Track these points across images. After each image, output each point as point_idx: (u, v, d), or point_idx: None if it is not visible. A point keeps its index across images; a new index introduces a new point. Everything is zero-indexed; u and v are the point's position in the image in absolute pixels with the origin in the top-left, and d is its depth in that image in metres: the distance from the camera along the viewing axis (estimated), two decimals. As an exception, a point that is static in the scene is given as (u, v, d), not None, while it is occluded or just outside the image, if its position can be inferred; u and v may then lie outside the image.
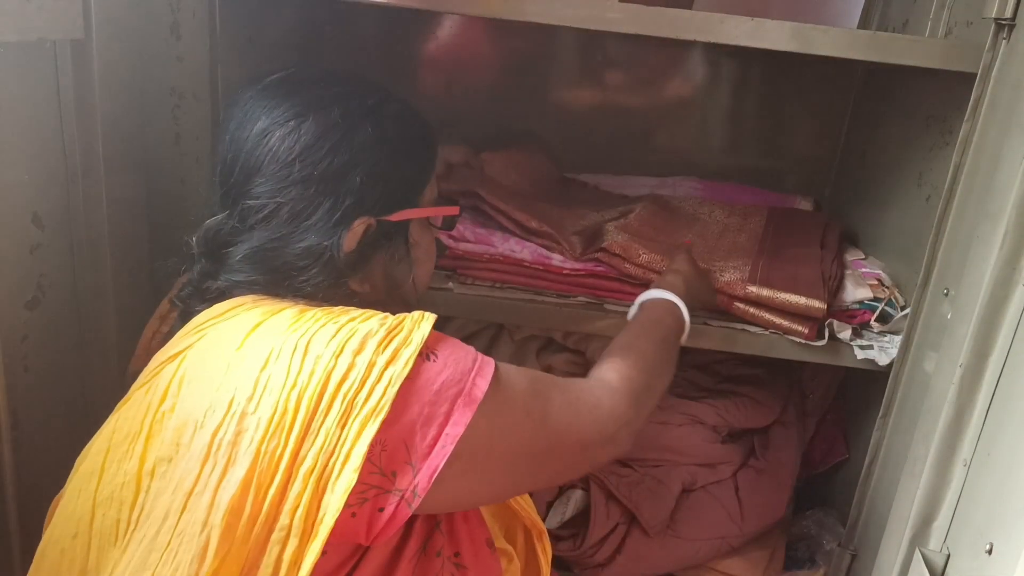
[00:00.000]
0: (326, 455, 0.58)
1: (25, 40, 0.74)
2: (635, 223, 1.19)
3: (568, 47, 1.52)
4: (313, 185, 0.69)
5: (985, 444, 0.78)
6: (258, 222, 0.71)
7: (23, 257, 0.79)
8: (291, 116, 0.70)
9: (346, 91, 0.73)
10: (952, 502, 0.82)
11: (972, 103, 0.89)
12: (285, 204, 0.70)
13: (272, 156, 0.70)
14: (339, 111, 0.71)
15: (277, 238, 0.70)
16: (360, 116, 0.72)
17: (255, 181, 0.70)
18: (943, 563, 0.81)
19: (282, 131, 0.70)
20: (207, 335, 0.68)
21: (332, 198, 0.70)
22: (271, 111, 0.71)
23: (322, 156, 0.69)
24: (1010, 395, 0.75)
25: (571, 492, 1.19)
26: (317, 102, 0.71)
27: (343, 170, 0.70)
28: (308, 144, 0.69)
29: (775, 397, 1.28)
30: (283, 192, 0.70)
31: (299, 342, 0.62)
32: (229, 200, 0.73)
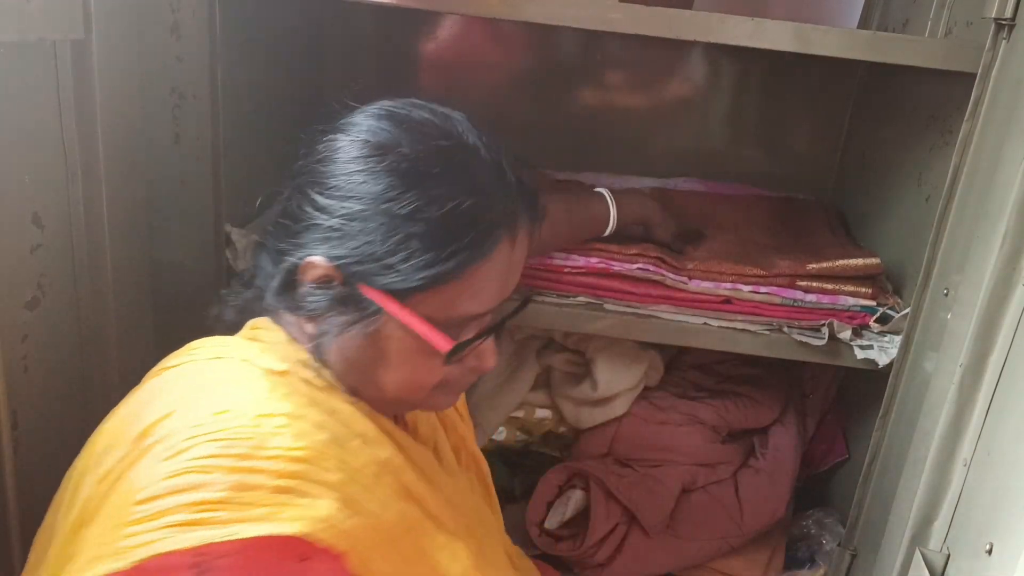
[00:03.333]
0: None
1: (25, 40, 0.74)
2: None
3: (568, 47, 1.52)
4: (314, 194, 0.63)
5: (985, 444, 0.78)
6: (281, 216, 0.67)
7: (23, 257, 0.79)
8: (358, 129, 0.64)
9: (438, 144, 0.62)
10: (952, 502, 0.82)
11: (972, 103, 0.89)
12: (291, 200, 0.66)
13: (319, 151, 0.65)
14: (411, 151, 0.61)
15: (274, 226, 0.67)
16: (420, 175, 0.60)
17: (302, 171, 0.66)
18: (943, 563, 0.81)
19: (344, 136, 0.64)
20: (165, 376, 0.64)
21: (324, 218, 0.62)
22: (356, 117, 0.65)
23: (344, 174, 0.62)
24: (1010, 395, 0.75)
25: (571, 492, 1.19)
26: (392, 131, 0.62)
27: (348, 203, 0.61)
28: (346, 157, 0.62)
29: (775, 397, 1.28)
30: (294, 191, 0.65)
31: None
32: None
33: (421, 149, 0.61)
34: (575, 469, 1.20)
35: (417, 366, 0.65)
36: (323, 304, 0.62)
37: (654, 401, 1.25)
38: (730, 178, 1.50)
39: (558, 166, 1.52)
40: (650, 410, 1.24)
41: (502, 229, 0.63)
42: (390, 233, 0.59)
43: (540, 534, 1.19)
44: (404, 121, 0.63)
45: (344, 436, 0.61)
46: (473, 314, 0.64)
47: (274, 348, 0.66)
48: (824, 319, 1.05)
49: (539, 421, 1.27)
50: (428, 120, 0.64)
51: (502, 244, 0.63)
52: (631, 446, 1.22)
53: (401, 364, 0.65)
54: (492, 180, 0.63)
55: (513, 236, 0.64)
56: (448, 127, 0.64)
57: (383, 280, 0.60)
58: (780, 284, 1.07)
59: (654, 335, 1.09)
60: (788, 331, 1.05)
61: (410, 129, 0.63)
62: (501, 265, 0.64)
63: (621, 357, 1.21)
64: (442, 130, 0.64)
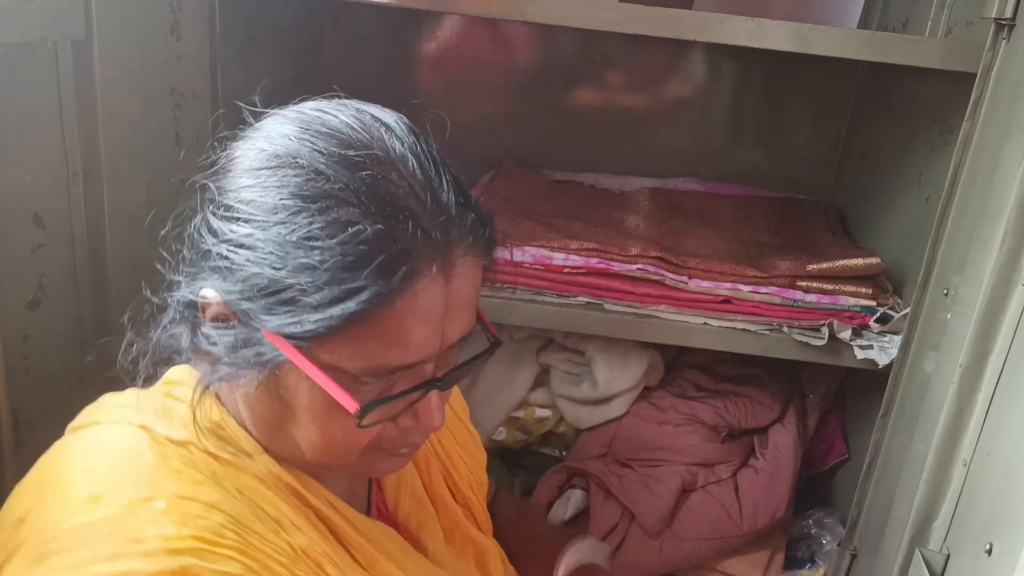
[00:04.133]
0: None
1: (26, 40, 0.74)
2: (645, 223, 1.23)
3: (568, 47, 1.52)
4: (208, 214, 0.53)
5: (985, 444, 0.78)
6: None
7: (24, 257, 0.79)
8: (259, 135, 0.54)
9: (344, 155, 0.51)
10: (952, 502, 0.82)
11: (972, 103, 0.89)
12: (191, 220, 0.55)
13: (224, 155, 0.55)
14: (308, 164, 0.50)
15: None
16: (317, 193, 0.49)
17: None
18: (943, 563, 0.81)
19: (243, 143, 0.54)
20: (67, 441, 0.57)
21: (214, 242, 0.52)
22: (266, 120, 0.56)
23: (233, 190, 0.52)
24: (1010, 395, 0.75)
25: (571, 492, 1.19)
26: (293, 137, 0.52)
27: (236, 225, 0.51)
28: (239, 168, 0.53)
29: (775, 397, 1.28)
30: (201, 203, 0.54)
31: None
32: None
33: (322, 160, 0.50)
34: (575, 469, 1.20)
35: (330, 426, 0.54)
36: (222, 347, 0.52)
37: (654, 401, 1.25)
38: (730, 178, 1.50)
39: (558, 166, 1.52)
40: (650, 410, 1.24)
41: (424, 261, 0.50)
42: (279, 264, 0.48)
43: (540, 534, 1.19)
44: (311, 125, 0.52)
45: (247, 518, 0.53)
46: (395, 365, 0.52)
47: (183, 407, 0.57)
48: (824, 319, 1.05)
49: (539, 421, 1.27)
50: (343, 124, 0.52)
51: (426, 280, 0.50)
52: (631, 446, 1.22)
53: (311, 422, 0.54)
54: (416, 200, 0.50)
55: (447, 269, 0.51)
56: (366, 134, 0.52)
57: (276, 322, 0.49)
58: (780, 284, 1.07)
59: (654, 335, 1.09)
60: (788, 331, 1.05)
61: (315, 135, 0.51)
62: (428, 306, 0.51)
63: (621, 357, 1.21)
64: (356, 137, 0.52)
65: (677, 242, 1.19)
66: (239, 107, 0.57)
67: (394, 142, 0.53)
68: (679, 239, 1.21)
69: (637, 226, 1.25)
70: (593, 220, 1.25)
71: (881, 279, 1.12)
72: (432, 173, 0.52)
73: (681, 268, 1.09)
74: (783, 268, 1.08)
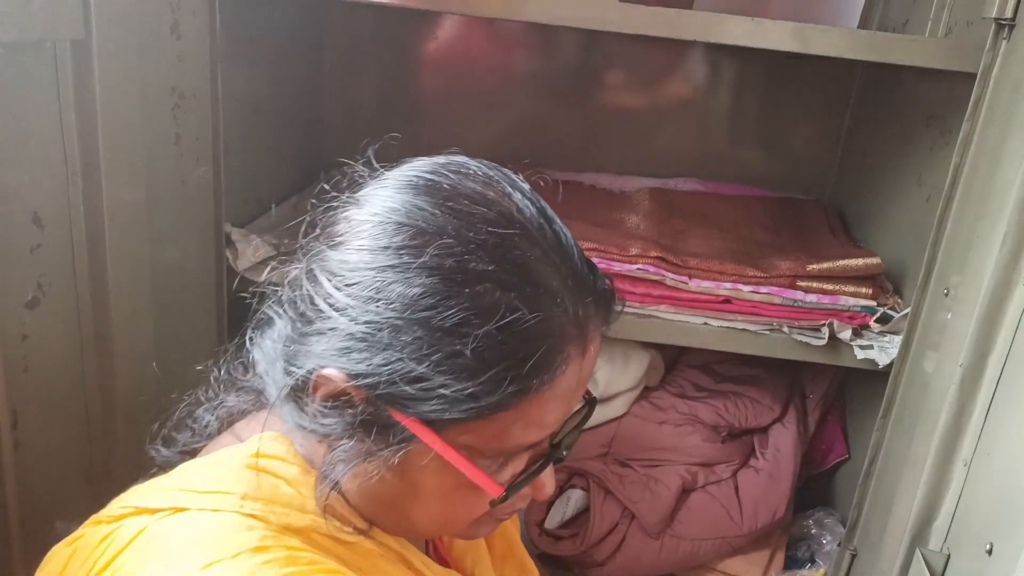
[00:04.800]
0: None
1: (25, 40, 0.74)
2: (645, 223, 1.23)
3: (568, 47, 1.52)
4: (329, 287, 0.50)
5: (985, 444, 0.78)
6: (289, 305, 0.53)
7: (23, 257, 0.79)
8: (385, 206, 0.50)
9: (493, 233, 0.48)
10: (952, 502, 0.82)
11: (972, 103, 0.89)
12: (305, 298, 0.51)
13: (334, 231, 0.51)
14: (456, 242, 0.47)
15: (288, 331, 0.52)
16: (469, 276, 0.46)
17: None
18: (943, 563, 0.81)
19: (366, 212, 0.50)
20: (141, 541, 0.48)
21: (343, 322, 0.48)
22: (383, 186, 0.52)
23: (368, 268, 0.48)
24: (1010, 395, 0.75)
25: (571, 492, 1.19)
26: (432, 212, 0.48)
27: (373, 306, 0.47)
28: (371, 244, 0.49)
29: (775, 397, 1.28)
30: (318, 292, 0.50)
31: None
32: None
33: (471, 238, 0.47)
34: (575, 469, 1.20)
35: (457, 503, 0.52)
36: (339, 428, 0.49)
37: (654, 401, 1.25)
38: (730, 178, 1.50)
39: (558, 166, 1.52)
40: (650, 410, 1.24)
41: (572, 343, 0.48)
42: (428, 351, 0.46)
43: (540, 534, 1.19)
44: (449, 198, 0.49)
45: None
46: (531, 443, 0.51)
47: (285, 487, 0.52)
48: (824, 319, 1.05)
49: (539, 421, 1.27)
50: (479, 195, 0.49)
51: (572, 362, 0.49)
52: (631, 446, 1.22)
53: (437, 501, 0.52)
54: (561, 280, 0.48)
55: (584, 347, 0.50)
56: (506, 205, 0.49)
57: (417, 407, 0.47)
58: (780, 284, 1.07)
59: (654, 335, 1.09)
60: (788, 331, 1.05)
61: (457, 211, 0.48)
62: (570, 384, 0.49)
63: (621, 357, 1.21)
64: (499, 209, 0.49)
65: (677, 242, 1.19)
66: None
67: (529, 212, 0.50)
68: (679, 239, 1.21)
69: (637, 226, 1.25)
70: (593, 220, 1.25)
71: (881, 279, 1.12)
72: (564, 242, 0.51)
73: (681, 268, 1.09)
74: (783, 268, 1.08)
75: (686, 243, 1.19)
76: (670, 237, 1.21)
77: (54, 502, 0.58)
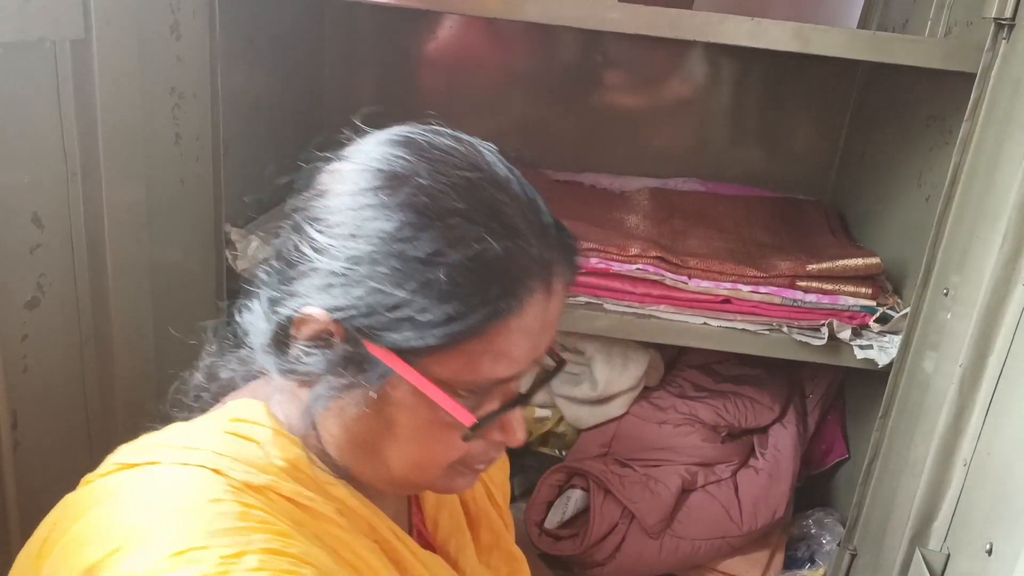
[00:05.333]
0: None
1: (25, 40, 0.74)
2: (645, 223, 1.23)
3: (568, 47, 1.52)
4: (313, 232, 0.53)
5: (985, 444, 0.78)
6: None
7: (23, 257, 0.79)
8: (368, 156, 0.54)
9: (463, 176, 0.52)
10: (952, 502, 0.82)
11: (972, 103, 0.89)
12: (287, 240, 0.55)
13: (320, 182, 0.55)
14: (430, 183, 0.51)
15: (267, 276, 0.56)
16: (442, 211, 0.50)
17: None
18: (943, 563, 0.81)
19: (350, 164, 0.54)
20: (119, 480, 0.52)
21: (324, 261, 0.52)
22: (366, 143, 0.56)
23: (349, 209, 0.52)
24: (1010, 395, 0.75)
25: (571, 492, 1.19)
26: (409, 159, 0.52)
27: (353, 243, 0.51)
28: (352, 188, 0.53)
29: (775, 397, 1.28)
30: (294, 225, 0.54)
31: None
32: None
33: (444, 180, 0.51)
34: (575, 469, 1.20)
35: (431, 441, 0.55)
36: (320, 366, 0.52)
37: (654, 401, 1.25)
38: (730, 178, 1.50)
39: (558, 166, 1.52)
40: (650, 410, 1.24)
41: (536, 279, 0.52)
42: (404, 280, 0.49)
43: (540, 534, 1.19)
44: (424, 148, 0.54)
45: (330, 569, 0.52)
46: (500, 379, 0.54)
47: (255, 448, 0.55)
48: (824, 319, 1.05)
49: (539, 421, 1.27)
50: (451, 148, 0.54)
51: (536, 296, 0.52)
52: (631, 446, 1.22)
53: (412, 438, 0.55)
54: (526, 221, 0.53)
55: (548, 287, 0.53)
56: (476, 157, 0.54)
57: (393, 336, 0.50)
58: (780, 284, 1.07)
59: (654, 335, 1.09)
60: (788, 331, 1.05)
61: (431, 158, 0.53)
62: (534, 321, 0.53)
63: (621, 357, 1.21)
64: (469, 160, 0.54)
65: (677, 242, 1.19)
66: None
67: (498, 166, 0.55)
68: (679, 239, 1.21)
69: (637, 226, 1.25)
70: (593, 220, 1.25)
71: (881, 279, 1.12)
72: (531, 195, 0.55)
73: (681, 268, 1.09)
74: (783, 268, 1.08)
75: (686, 243, 1.19)
76: (670, 237, 1.21)
77: (54, 502, 0.58)
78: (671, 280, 1.07)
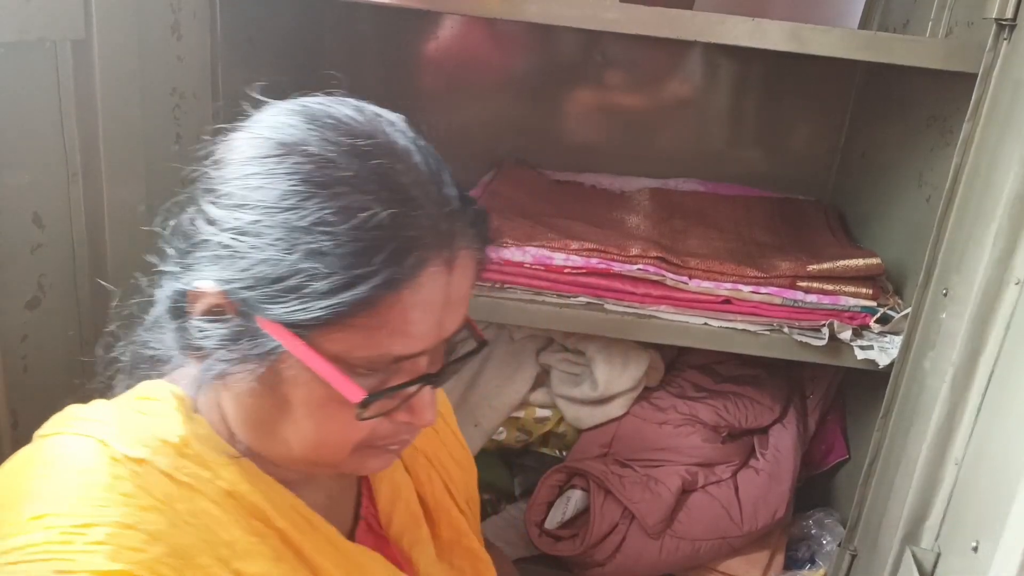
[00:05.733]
0: None
1: (25, 40, 0.74)
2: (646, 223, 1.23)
3: (568, 47, 1.52)
4: (206, 204, 0.52)
5: (977, 443, 0.78)
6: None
7: (23, 257, 0.79)
8: (261, 126, 0.53)
9: (353, 144, 0.50)
10: (944, 501, 0.82)
11: (973, 104, 0.89)
12: (184, 214, 0.54)
13: (215, 152, 0.54)
14: (318, 151, 0.50)
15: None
16: (328, 179, 0.49)
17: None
18: (933, 561, 0.81)
19: (243, 134, 0.54)
20: (32, 448, 0.54)
21: (214, 232, 0.51)
22: (264, 113, 0.55)
23: (236, 178, 0.51)
24: (1002, 394, 0.75)
25: (571, 492, 1.19)
26: (300, 127, 0.51)
27: (239, 213, 0.50)
28: (241, 157, 0.52)
29: (775, 397, 1.28)
30: (192, 197, 0.54)
31: None
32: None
33: (331, 148, 0.50)
34: (575, 469, 1.20)
35: (328, 420, 0.53)
36: (213, 341, 0.51)
37: (654, 401, 1.25)
38: (730, 178, 1.50)
39: (558, 166, 1.52)
40: (650, 410, 1.24)
41: (433, 250, 0.50)
42: (289, 250, 0.48)
43: (540, 534, 1.19)
44: (317, 117, 0.52)
45: (193, 549, 0.50)
46: (398, 355, 0.51)
47: (148, 422, 0.55)
48: (824, 319, 1.05)
49: (539, 421, 1.27)
50: (347, 117, 0.53)
51: (432, 268, 0.50)
52: (631, 446, 1.22)
53: (308, 417, 0.53)
54: (423, 191, 0.51)
55: (450, 261, 0.51)
56: (374, 126, 0.53)
57: (280, 310, 0.48)
58: (780, 284, 1.07)
59: (654, 335, 1.09)
60: (788, 331, 1.05)
61: (323, 125, 0.51)
62: (434, 295, 0.51)
63: (621, 357, 1.21)
64: (362, 129, 0.52)
65: (677, 242, 1.19)
66: (237, 103, 0.56)
67: (397, 136, 0.53)
68: (679, 239, 1.21)
69: (637, 226, 1.25)
70: (593, 220, 1.25)
71: (881, 279, 1.12)
72: (434, 167, 0.53)
73: (681, 268, 1.09)
74: (783, 268, 1.08)
75: (686, 243, 1.19)
76: (670, 237, 1.21)
77: (54, 502, 0.58)
78: (672, 280, 1.07)
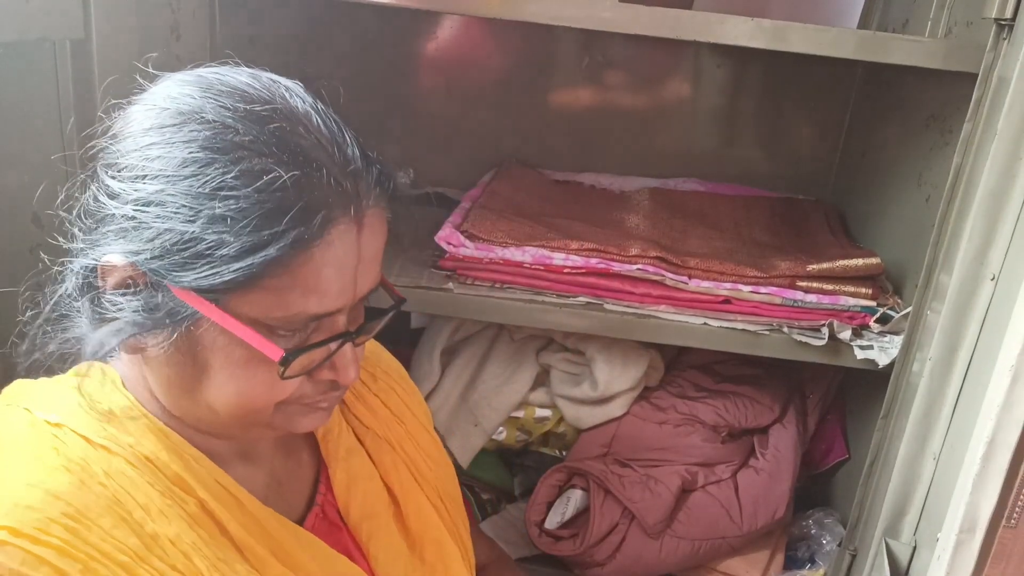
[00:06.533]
0: None
1: (25, 40, 0.74)
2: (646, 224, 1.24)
3: (568, 47, 1.52)
4: (107, 179, 0.52)
5: (953, 438, 0.78)
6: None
7: (23, 257, 0.79)
8: (156, 97, 0.53)
9: (250, 110, 0.51)
10: (922, 495, 0.82)
11: (973, 104, 0.89)
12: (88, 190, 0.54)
13: (113, 126, 0.54)
14: (215, 118, 0.50)
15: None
16: (227, 145, 0.50)
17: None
18: (909, 555, 0.82)
19: (140, 106, 0.53)
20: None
21: (116, 205, 0.51)
22: (159, 84, 0.55)
23: (135, 150, 0.51)
24: (977, 390, 0.75)
25: (571, 492, 1.19)
26: (195, 96, 0.52)
27: (141, 184, 0.50)
28: (138, 129, 0.52)
29: (775, 397, 1.28)
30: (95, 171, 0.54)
31: None
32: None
33: (228, 115, 0.50)
34: (575, 469, 1.20)
35: (249, 380, 0.53)
36: (128, 313, 0.51)
37: (654, 401, 1.25)
38: (730, 178, 1.50)
39: (558, 166, 1.52)
40: (650, 410, 1.24)
41: (338, 209, 0.51)
42: (193, 217, 0.48)
43: (540, 534, 1.19)
44: (212, 85, 0.52)
45: (96, 510, 0.51)
46: (314, 313, 0.52)
47: (74, 394, 0.56)
48: (824, 319, 1.05)
49: (539, 421, 1.27)
50: (244, 84, 0.53)
51: (341, 226, 0.51)
52: (631, 446, 1.22)
53: (229, 379, 0.53)
54: (324, 152, 0.51)
55: (358, 219, 0.52)
56: (271, 92, 0.53)
57: (191, 276, 0.49)
58: (780, 284, 1.07)
59: (654, 335, 1.09)
60: (788, 331, 1.05)
61: (218, 93, 0.52)
62: (345, 253, 0.52)
63: (621, 357, 1.21)
64: (259, 95, 0.52)
65: (677, 242, 1.19)
66: (132, 74, 0.57)
67: (296, 100, 0.54)
68: (679, 239, 1.21)
69: (637, 226, 1.25)
70: (593, 220, 1.25)
71: (881, 279, 1.12)
72: (335, 129, 0.54)
73: (681, 268, 1.09)
74: (783, 268, 1.08)
75: (686, 243, 1.19)
76: (670, 237, 1.21)
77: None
78: (671, 280, 1.07)
